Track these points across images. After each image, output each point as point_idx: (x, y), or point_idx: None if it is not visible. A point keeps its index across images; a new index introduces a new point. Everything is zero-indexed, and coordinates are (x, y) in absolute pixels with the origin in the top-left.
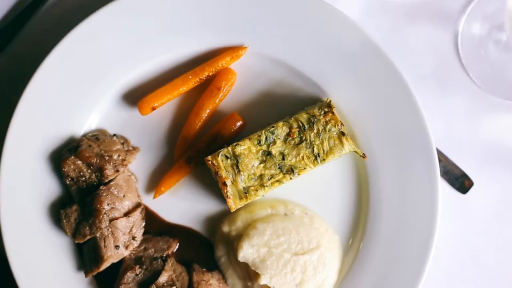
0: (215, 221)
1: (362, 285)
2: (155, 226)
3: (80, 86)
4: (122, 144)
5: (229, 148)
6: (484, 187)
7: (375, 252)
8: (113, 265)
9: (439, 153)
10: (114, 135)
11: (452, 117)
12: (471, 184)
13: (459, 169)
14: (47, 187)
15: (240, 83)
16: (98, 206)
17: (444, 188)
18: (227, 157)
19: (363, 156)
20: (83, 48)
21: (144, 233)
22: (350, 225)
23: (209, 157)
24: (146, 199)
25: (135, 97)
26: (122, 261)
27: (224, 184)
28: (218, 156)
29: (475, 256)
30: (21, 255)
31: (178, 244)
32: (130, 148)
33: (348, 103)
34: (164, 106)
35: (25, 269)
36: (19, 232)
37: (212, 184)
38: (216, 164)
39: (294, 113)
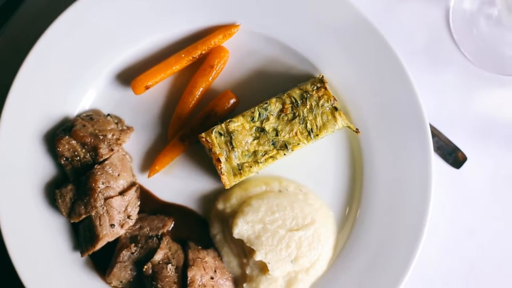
0: (210, 199)
1: (358, 261)
2: (150, 205)
3: (74, 67)
4: (116, 123)
5: (223, 125)
6: (478, 161)
7: (370, 228)
8: (108, 244)
9: (432, 128)
10: (108, 115)
11: (444, 93)
12: (464, 158)
13: (452, 144)
14: (42, 168)
15: (233, 61)
16: (93, 185)
17: (438, 163)
18: (220, 134)
19: (356, 131)
20: (76, 29)
21: (139, 212)
22: (345, 201)
23: (203, 134)
24: (141, 178)
25: (129, 77)
26: (117, 240)
27: (218, 160)
28: (211, 133)
29: (470, 229)
30: (17, 236)
31: (173, 222)
32: (124, 127)
33: (341, 79)
34: (158, 86)
35: (21, 250)
36: (15, 213)
37: (206, 163)
38: (209, 141)
39: (287, 90)
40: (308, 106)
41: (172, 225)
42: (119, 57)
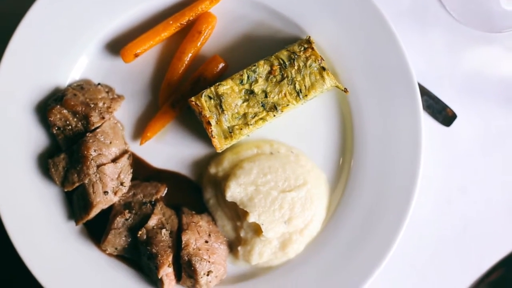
0: (202, 165)
1: (351, 222)
2: (143, 172)
3: (63, 37)
4: (107, 92)
5: (212, 89)
6: (467, 119)
7: (362, 188)
8: (102, 213)
9: (421, 87)
10: (99, 84)
11: (432, 52)
12: (454, 116)
13: (441, 102)
14: (34, 139)
15: (221, 27)
16: (85, 152)
17: (427, 122)
18: (210, 98)
19: (345, 90)
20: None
21: (132, 180)
22: (336, 162)
23: (193, 98)
24: (133, 146)
25: (118, 46)
26: (111, 208)
27: (208, 123)
28: (201, 96)
29: (462, 187)
30: (11, 208)
31: (166, 188)
32: (115, 96)
33: (328, 41)
34: (147, 54)
35: (16, 221)
36: (8, 185)
37: (198, 128)
38: (199, 104)
39: (275, 52)
40: (296, 67)
41: (165, 191)
42: (108, 26)
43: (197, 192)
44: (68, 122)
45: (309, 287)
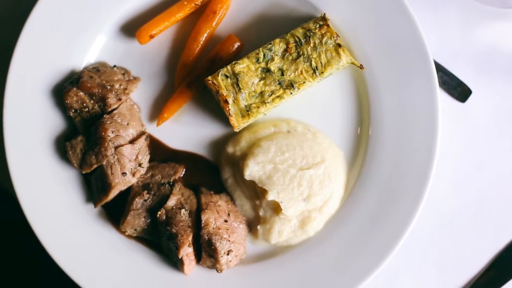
0: (219, 145)
1: (369, 198)
2: (161, 154)
3: (78, 20)
4: (123, 74)
5: (229, 67)
6: (482, 94)
7: (379, 165)
8: (120, 195)
9: (436, 63)
10: (114, 66)
11: (446, 28)
12: (469, 92)
13: (456, 78)
14: (51, 122)
15: (235, 7)
16: (103, 133)
17: (442, 98)
18: (227, 76)
19: (361, 67)
20: None
21: (149, 161)
22: (353, 139)
23: (210, 77)
24: (150, 127)
25: (133, 28)
26: (129, 189)
27: (226, 102)
28: (218, 75)
29: (479, 162)
30: (29, 192)
31: (184, 169)
32: (131, 78)
33: (342, 18)
34: (162, 35)
35: (35, 205)
36: (26, 169)
37: (214, 108)
38: (216, 83)
39: (290, 31)
40: (311, 45)
41: (183, 171)
42: (122, 8)
43: (214, 172)
44: (84, 105)
45: (329, 265)
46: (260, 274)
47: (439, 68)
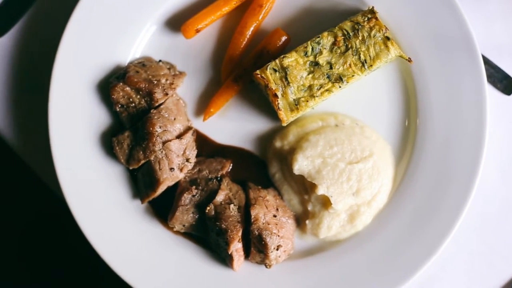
0: (266, 139)
1: (417, 192)
2: (207, 149)
3: (123, 15)
4: (169, 69)
5: (277, 61)
6: None
7: (427, 159)
8: (167, 191)
9: (482, 56)
10: (160, 61)
11: (489, 21)
12: None
13: (502, 71)
14: (97, 118)
15: (281, 0)
16: (151, 129)
17: (488, 91)
18: (275, 70)
19: (409, 60)
20: None
21: (196, 156)
22: (400, 132)
23: (258, 71)
24: (196, 123)
25: (177, 22)
26: (176, 186)
27: (275, 95)
28: (266, 69)
29: None
30: (75, 188)
31: (231, 164)
32: (177, 72)
33: (389, 11)
34: (207, 29)
35: (81, 202)
36: (72, 165)
37: (260, 103)
38: (265, 77)
39: (336, 24)
40: (360, 38)
41: (231, 166)
42: (167, 2)
43: (261, 166)
44: (131, 100)
45: (379, 258)
46: (308, 270)
47: (485, 61)
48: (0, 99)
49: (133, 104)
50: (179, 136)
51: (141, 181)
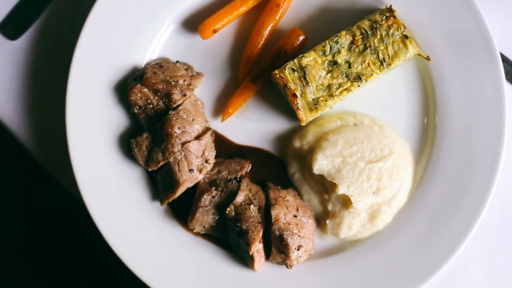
0: (284, 139)
1: (436, 191)
2: (226, 150)
3: (139, 16)
4: (186, 70)
5: (295, 61)
6: None
7: (446, 157)
8: (185, 192)
9: (500, 55)
10: (177, 61)
11: (509, 19)
12: None
13: None
14: (114, 119)
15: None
16: (170, 130)
17: (507, 88)
18: (293, 70)
19: (428, 58)
20: None
21: (215, 157)
22: (419, 130)
23: (276, 71)
24: (213, 123)
25: (194, 23)
26: (195, 187)
27: (294, 95)
28: (285, 69)
29: None
30: (94, 190)
31: (250, 164)
32: (194, 73)
33: (407, 10)
34: (223, 30)
35: (100, 205)
36: (91, 168)
37: (278, 102)
38: (284, 77)
39: (354, 23)
40: (378, 36)
41: (250, 167)
42: (183, 3)
43: (280, 167)
44: (149, 101)
45: (399, 258)
46: (329, 269)
47: (503, 59)
48: (17, 103)
49: (151, 106)
50: (197, 137)
51: (160, 182)
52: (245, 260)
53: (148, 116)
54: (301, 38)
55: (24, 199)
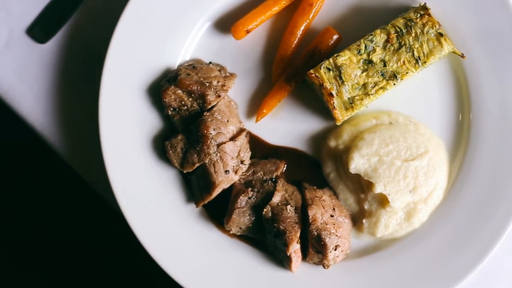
0: (319, 139)
1: (472, 188)
2: (260, 150)
3: (172, 17)
4: (219, 71)
5: (330, 60)
6: None
7: (481, 154)
8: (220, 194)
9: None
10: (210, 62)
11: None
12: None
13: None
14: (148, 122)
15: None
16: (205, 131)
17: None
18: (329, 69)
19: (462, 56)
20: None
21: (250, 158)
22: (453, 129)
23: (312, 71)
24: (247, 124)
25: (226, 23)
26: (230, 188)
27: (330, 95)
28: (320, 68)
29: None
30: (129, 194)
31: (285, 165)
32: (227, 74)
33: (440, 8)
34: (255, 30)
35: (134, 207)
36: (125, 171)
37: (312, 102)
38: (319, 76)
39: (387, 22)
40: (413, 34)
41: (285, 167)
42: (216, 3)
43: (315, 166)
44: (183, 103)
45: (435, 256)
46: (365, 269)
47: None
48: (47, 107)
49: (185, 107)
50: (232, 138)
51: (196, 184)
52: (281, 261)
53: (182, 117)
54: (335, 37)
55: (57, 205)
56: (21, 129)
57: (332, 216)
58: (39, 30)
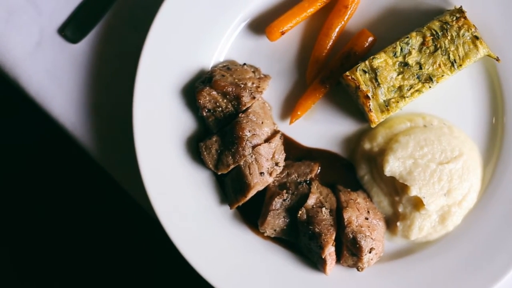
0: (352, 141)
1: (506, 192)
2: (294, 152)
3: (207, 17)
4: (254, 72)
5: (366, 62)
6: None
7: None
8: (253, 196)
9: None
10: (244, 64)
11: None
12: None
13: None
14: (182, 123)
15: (365, 1)
16: (240, 133)
17: None
18: (365, 72)
19: (497, 59)
20: None
21: (284, 160)
22: (487, 132)
23: (348, 73)
24: (281, 126)
25: (260, 25)
26: (264, 191)
27: (367, 97)
28: (356, 71)
29: None
30: (162, 196)
31: (319, 167)
32: (262, 75)
33: (474, 10)
34: (290, 32)
35: (168, 209)
36: (159, 173)
37: (346, 104)
38: (355, 78)
39: (421, 25)
40: (449, 37)
41: (319, 169)
42: (250, 5)
43: (348, 169)
44: (218, 104)
45: (469, 260)
46: (398, 272)
47: None
48: (79, 108)
49: (220, 109)
50: (267, 140)
51: (230, 186)
52: (316, 263)
53: (217, 119)
54: (370, 39)
55: (89, 207)
56: (48, 130)
57: (366, 218)
58: (71, 30)
